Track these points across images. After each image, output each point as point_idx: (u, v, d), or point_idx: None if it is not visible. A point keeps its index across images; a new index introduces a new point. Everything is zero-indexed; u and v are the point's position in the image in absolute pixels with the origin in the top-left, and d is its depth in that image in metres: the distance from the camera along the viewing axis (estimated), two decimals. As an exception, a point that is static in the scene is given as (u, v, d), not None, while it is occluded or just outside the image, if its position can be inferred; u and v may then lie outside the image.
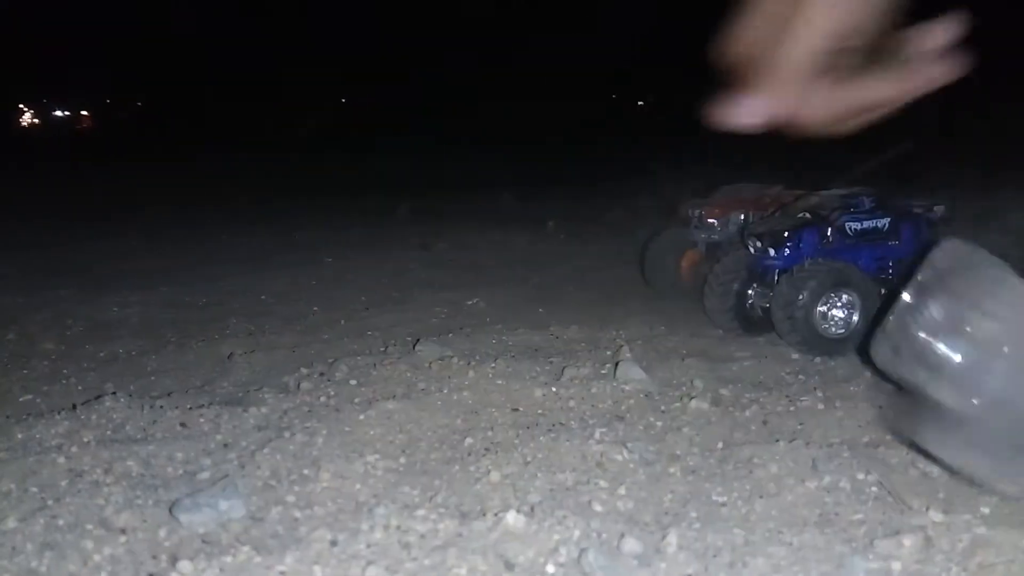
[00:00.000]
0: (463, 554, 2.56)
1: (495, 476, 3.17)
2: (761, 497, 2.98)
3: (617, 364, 4.31)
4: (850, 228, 5.01)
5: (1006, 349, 2.09)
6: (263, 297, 6.43)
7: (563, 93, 33.90)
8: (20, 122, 44.98)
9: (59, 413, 3.73)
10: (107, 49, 39.78)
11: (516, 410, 3.86)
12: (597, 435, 3.53)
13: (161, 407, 3.82)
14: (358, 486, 3.11)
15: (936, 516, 2.77)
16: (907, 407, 2.26)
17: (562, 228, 9.36)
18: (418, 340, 4.86)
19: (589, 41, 32.13)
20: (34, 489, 3.03)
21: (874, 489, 2.99)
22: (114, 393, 4.01)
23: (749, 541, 2.65)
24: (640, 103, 39.81)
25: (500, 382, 4.12)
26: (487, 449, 3.43)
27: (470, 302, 6.02)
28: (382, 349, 4.88)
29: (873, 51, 1.20)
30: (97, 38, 39.07)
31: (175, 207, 11.89)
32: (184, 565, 2.51)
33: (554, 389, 4.05)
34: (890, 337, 2.16)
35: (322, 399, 3.97)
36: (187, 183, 15.06)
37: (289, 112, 33.11)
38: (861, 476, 3.06)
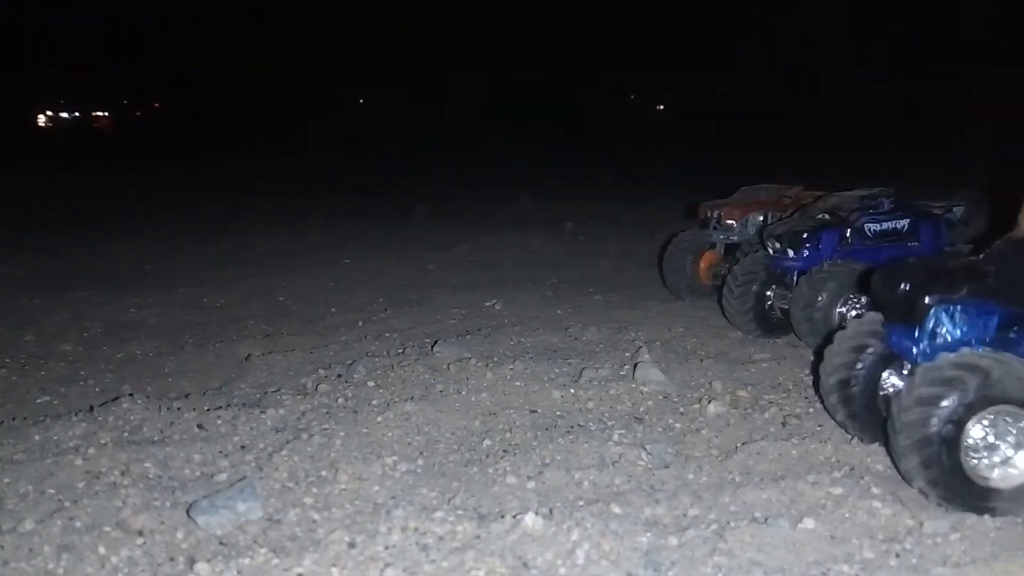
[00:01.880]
0: (481, 556, 2.56)
1: (513, 478, 3.16)
2: (779, 500, 2.96)
3: (636, 366, 4.30)
4: (869, 229, 4.98)
5: None
6: (281, 298, 6.43)
7: (580, 94, 33.95)
8: (37, 123, 45.15)
9: (76, 414, 3.73)
10: (125, 51, 39.95)
11: (534, 412, 3.85)
12: (615, 437, 3.52)
13: (178, 409, 3.82)
14: (376, 488, 3.10)
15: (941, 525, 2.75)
16: None
17: (580, 229, 9.35)
18: (436, 341, 4.85)
19: (608, 42, 32.21)
20: (51, 491, 3.04)
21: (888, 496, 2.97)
22: (131, 394, 4.01)
23: (762, 546, 2.63)
24: (660, 107, 39.76)
25: (518, 383, 4.11)
26: (505, 451, 3.43)
27: (488, 303, 6.01)
28: (400, 351, 4.87)
29: None
30: (115, 40, 39.23)
31: (193, 208, 11.93)
32: (201, 567, 2.51)
33: (572, 391, 4.03)
34: None
35: (340, 401, 3.97)
36: (206, 184, 15.10)
37: (308, 113, 33.16)
38: (877, 491, 3.03)
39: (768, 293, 5.04)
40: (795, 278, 4.91)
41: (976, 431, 2.84)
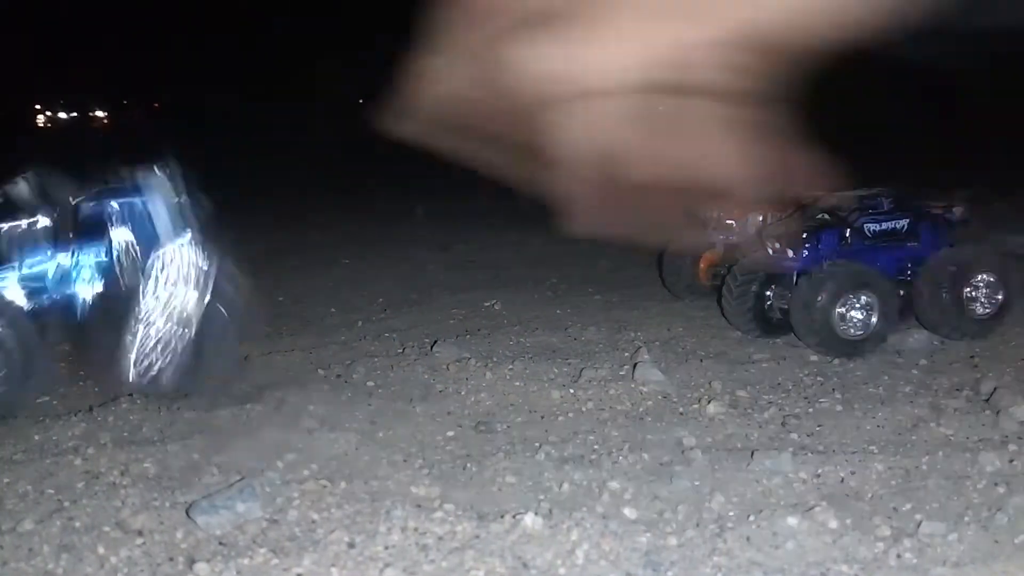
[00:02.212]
0: (480, 556, 2.56)
1: (512, 478, 3.16)
2: (776, 499, 2.97)
3: (635, 366, 4.30)
4: (869, 229, 4.97)
5: None
6: (280, 298, 6.42)
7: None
8: (36, 123, 45.08)
9: (76, 415, 3.73)
10: (125, 51, 39.96)
11: (534, 412, 3.85)
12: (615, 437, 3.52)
13: (178, 408, 3.82)
14: (376, 488, 3.10)
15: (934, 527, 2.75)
16: None
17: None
18: (435, 342, 4.85)
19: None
20: (51, 491, 3.04)
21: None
22: (131, 394, 4.00)
23: (762, 546, 2.64)
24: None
25: (518, 384, 4.11)
26: (505, 451, 3.43)
27: (487, 303, 6.00)
28: (399, 351, 4.86)
29: None
30: (115, 40, 39.23)
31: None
32: (201, 567, 2.51)
33: (572, 391, 4.03)
34: None
35: (340, 400, 3.97)
36: (205, 184, 15.05)
37: (308, 113, 33.14)
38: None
39: (767, 293, 5.03)
40: (795, 278, 4.90)
41: None
